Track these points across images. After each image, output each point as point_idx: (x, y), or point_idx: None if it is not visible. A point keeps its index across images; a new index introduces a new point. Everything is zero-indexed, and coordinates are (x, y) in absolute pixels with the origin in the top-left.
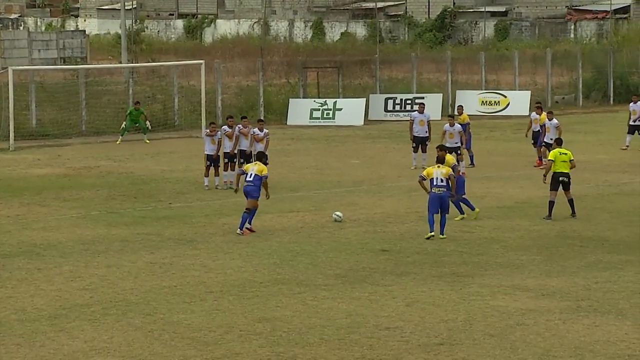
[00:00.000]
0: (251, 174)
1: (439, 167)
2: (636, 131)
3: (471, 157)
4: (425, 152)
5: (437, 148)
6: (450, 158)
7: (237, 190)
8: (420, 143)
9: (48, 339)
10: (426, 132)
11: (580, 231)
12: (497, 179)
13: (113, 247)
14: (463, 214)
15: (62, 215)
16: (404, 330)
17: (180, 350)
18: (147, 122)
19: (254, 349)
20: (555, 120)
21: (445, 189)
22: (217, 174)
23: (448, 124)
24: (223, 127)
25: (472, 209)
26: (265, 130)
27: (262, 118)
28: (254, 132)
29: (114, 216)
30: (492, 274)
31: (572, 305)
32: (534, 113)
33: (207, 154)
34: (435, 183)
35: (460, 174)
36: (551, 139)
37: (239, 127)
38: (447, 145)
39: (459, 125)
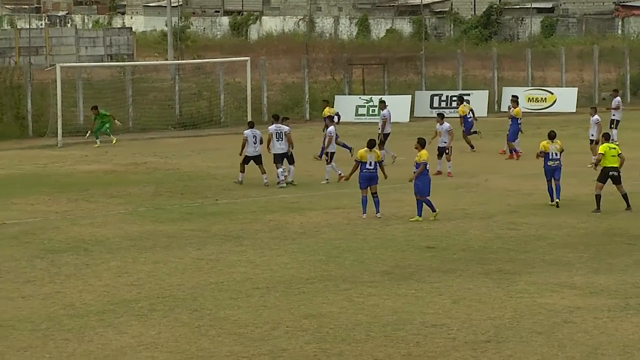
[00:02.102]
0: (371, 162)
1: (553, 142)
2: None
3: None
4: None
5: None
6: (423, 153)
7: (349, 178)
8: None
9: (96, 334)
10: (379, 129)
11: (628, 229)
12: (544, 176)
13: (160, 243)
14: (420, 215)
15: (109, 212)
16: (450, 327)
17: (227, 346)
18: (116, 121)
19: (301, 346)
20: (596, 117)
21: (559, 162)
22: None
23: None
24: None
25: (433, 210)
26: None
27: (286, 116)
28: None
29: (161, 212)
30: (539, 271)
31: (621, 303)
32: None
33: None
34: (550, 157)
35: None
36: (592, 135)
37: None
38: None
39: (447, 125)
